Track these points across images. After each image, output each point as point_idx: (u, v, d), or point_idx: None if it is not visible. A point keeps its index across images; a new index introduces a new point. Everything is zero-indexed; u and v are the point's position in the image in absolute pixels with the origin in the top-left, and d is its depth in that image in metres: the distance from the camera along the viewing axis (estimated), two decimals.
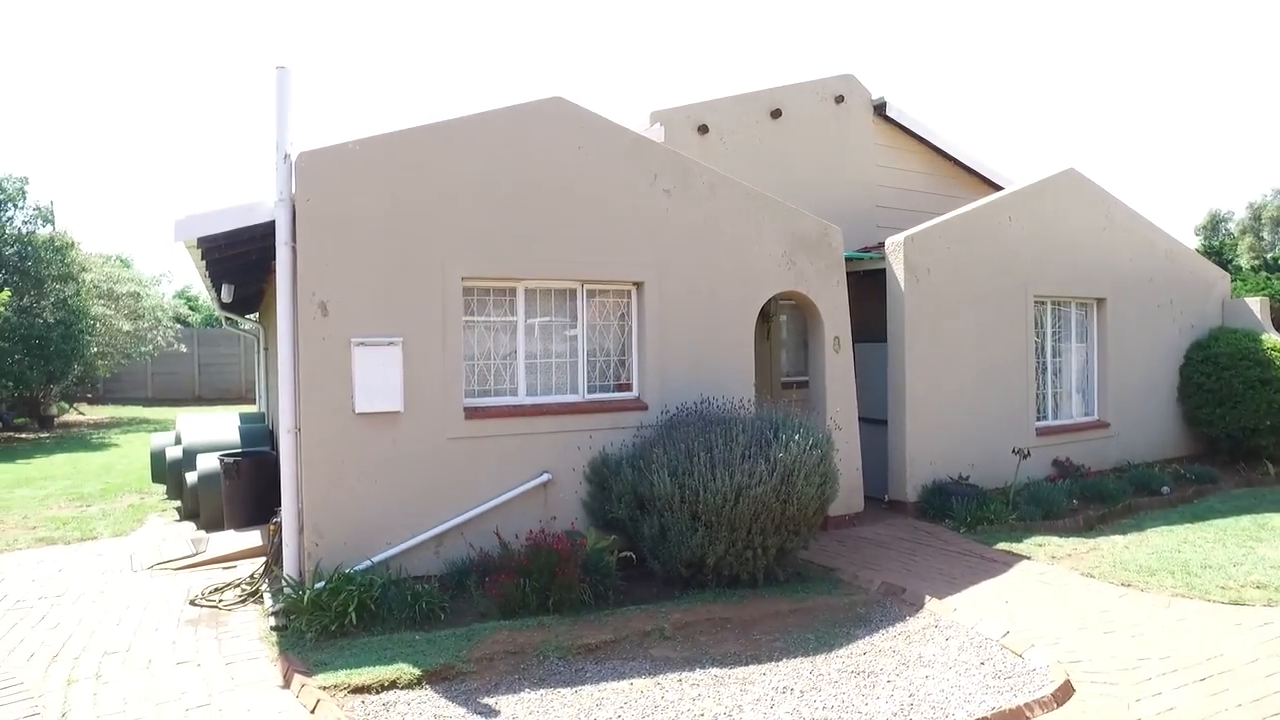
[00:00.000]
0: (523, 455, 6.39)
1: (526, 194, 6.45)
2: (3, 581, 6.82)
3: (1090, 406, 10.63)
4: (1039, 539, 7.49)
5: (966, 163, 11.76)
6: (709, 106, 9.68)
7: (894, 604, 5.79)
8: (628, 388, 7.08)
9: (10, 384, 16.72)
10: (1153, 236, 11.21)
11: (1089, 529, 8.02)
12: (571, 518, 6.49)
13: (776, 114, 10.10)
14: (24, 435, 17.93)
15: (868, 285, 9.15)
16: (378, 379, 5.79)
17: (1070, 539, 7.54)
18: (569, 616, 5.40)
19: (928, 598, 5.79)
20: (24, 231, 18.02)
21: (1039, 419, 9.85)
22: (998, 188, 11.51)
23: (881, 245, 9.07)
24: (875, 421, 8.83)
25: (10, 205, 18.03)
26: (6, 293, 15.82)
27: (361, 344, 5.77)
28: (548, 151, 6.55)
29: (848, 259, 8.55)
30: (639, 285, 7.01)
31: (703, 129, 9.59)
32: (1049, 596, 5.98)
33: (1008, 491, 8.44)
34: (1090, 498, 8.86)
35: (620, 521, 6.24)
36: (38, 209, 18.70)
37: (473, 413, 6.26)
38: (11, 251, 17.35)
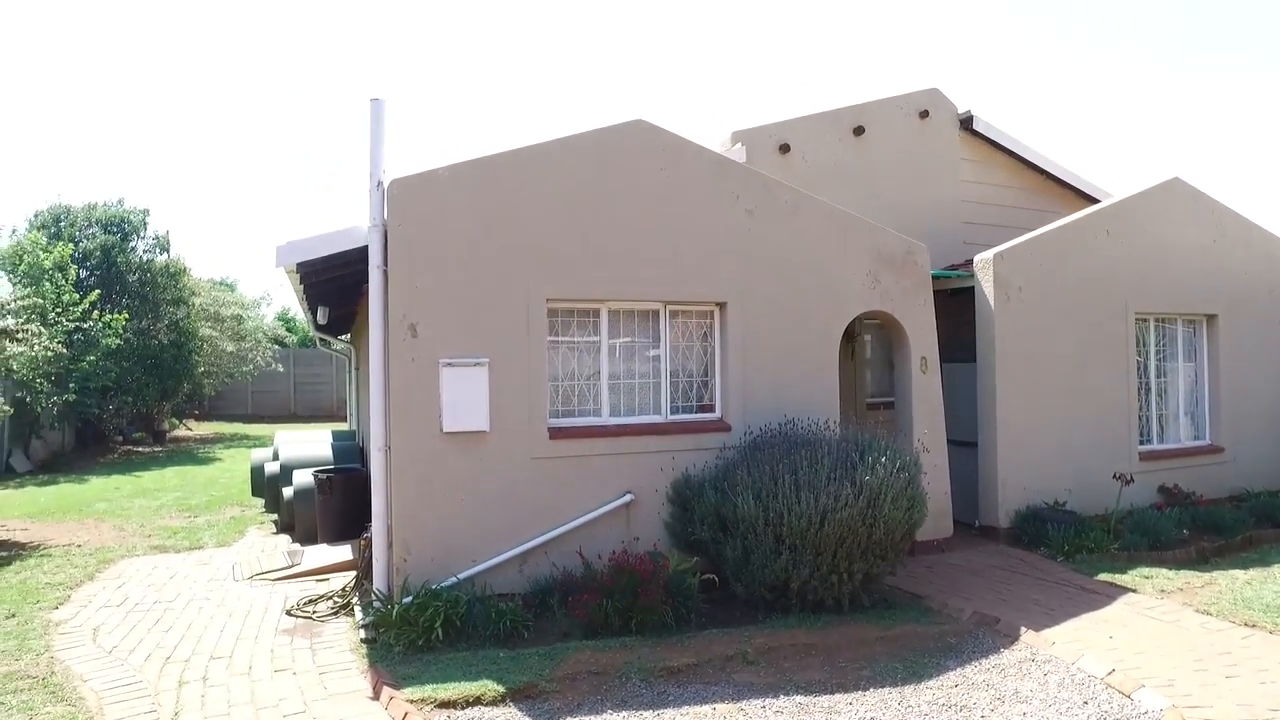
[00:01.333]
0: (606, 475, 6.43)
1: (610, 216, 6.53)
2: (123, 585, 7.26)
3: (1201, 430, 10.02)
4: (1146, 570, 7.07)
5: (1059, 175, 11.32)
6: (790, 125, 9.63)
7: (987, 634, 5.56)
8: (710, 408, 7.06)
9: (130, 400, 17.83)
10: (1273, 248, 10.53)
11: (1203, 561, 7.53)
12: (654, 539, 6.48)
13: (859, 131, 9.96)
14: (140, 448, 19.08)
15: (955, 304, 8.88)
16: (465, 399, 5.94)
17: (1181, 571, 7.10)
18: (651, 638, 5.38)
19: (1023, 629, 5.54)
20: (144, 259, 19.29)
21: (1142, 443, 9.34)
22: (1093, 200, 11.04)
23: (969, 262, 8.81)
24: (964, 444, 8.54)
25: (134, 236, 19.36)
26: (124, 315, 16.91)
27: (449, 365, 5.94)
28: (630, 174, 6.63)
29: (934, 277, 8.33)
30: (722, 305, 7.00)
31: (784, 148, 9.53)
32: (1159, 633, 5.62)
33: (1109, 519, 8.02)
34: (1204, 528, 8.32)
35: (702, 543, 6.19)
36: (156, 238, 20.01)
37: (557, 433, 6.34)
38: (133, 278, 18.59)
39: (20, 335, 10.81)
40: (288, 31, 44.70)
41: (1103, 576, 6.94)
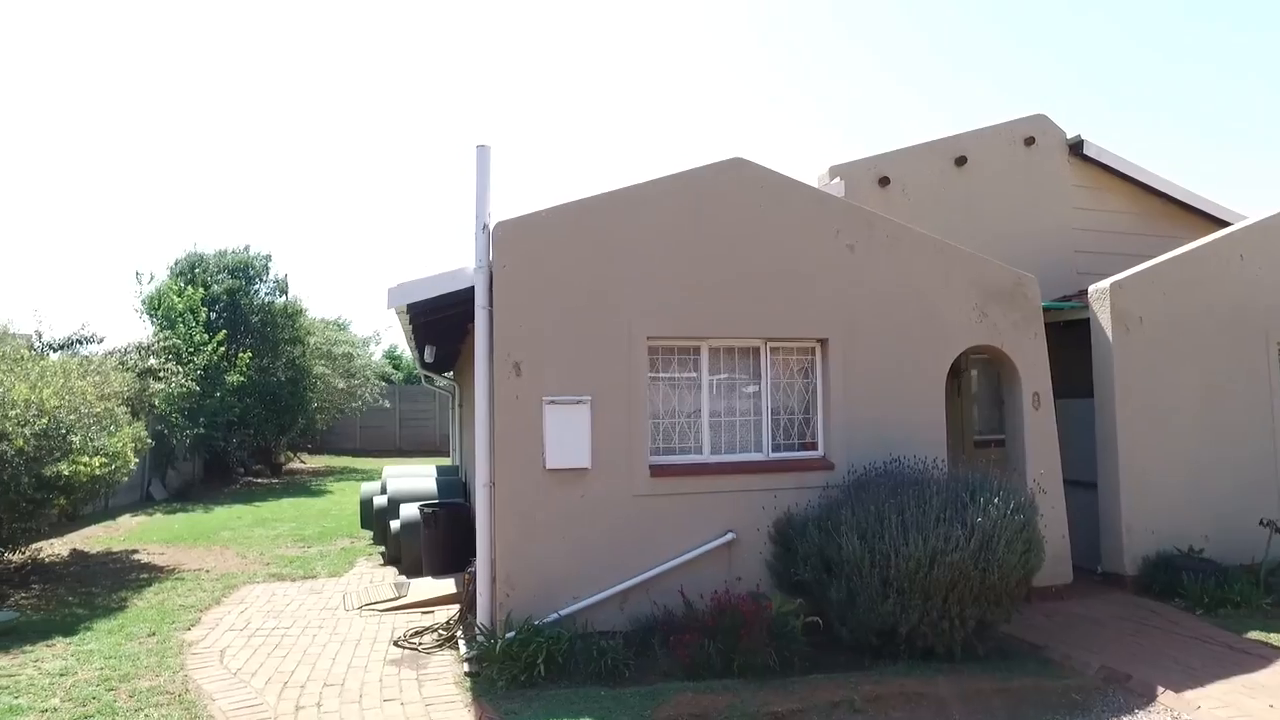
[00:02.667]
0: (706, 514, 6.39)
1: (709, 254, 6.57)
2: (245, 610, 7.65)
3: None
4: None
5: (1181, 198, 10.71)
6: (888, 158, 9.50)
7: (1117, 693, 5.19)
8: (813, 446, 6.94)
9: (251, 434, 18.92)
10: None
11: None
12: (756, 579, 6.37)
13: (961, 161, 9.73)
14: (259, 480, 20.15)
15: (1070, 337, 8.47)
16: (567, 436, 6.04)
17: None
18: (754, 681, 5.27)
19: (1160, 689, 5.14)
20: (265, 301, 20.57)
21: None
22: (1220, 224, 10.38)
23: (1083, 293, 8.41)
24: (1083, 484, 8.08)
25: (257, 279, 20.70)
26: (248, 354, 18.03)
27: (552, 402, 6.06)
28: (729, 211, 6.67)
29: (1046, 309, 7.99)
30: (823, 342, 6.90)
31: (883, 181, 9.40)
32: None
33: (1257, 570, 7.38)
34: None
35: (806, 584, 6.05)
36: (276, 281, 21.33)
37: (658, 470, 6.36)
38: (255, 319, 19.83)
39: (161, 374, 11.68)
40: (399, 86, 47.29)
41: (1254, 634, 6.37)
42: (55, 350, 11.45)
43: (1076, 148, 10.20)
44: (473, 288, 6.12)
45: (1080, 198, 10.26)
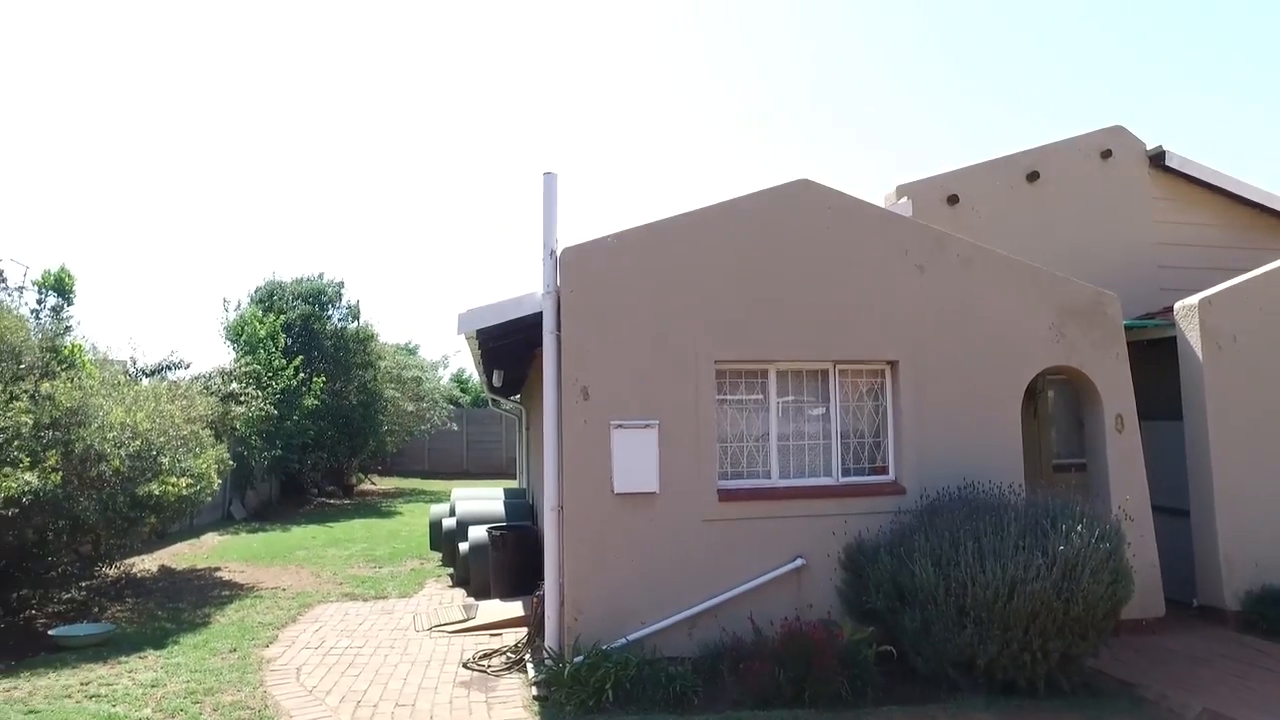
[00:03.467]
0: (775, 539, 6.30)
1: (776, 276, 6.54)
2: (320, 629, 7.84)
3: None
4: None
5: (1276, 208, 10.19)
6: (958, 176, 9.33)
7: None
8: (883, 470, 6.79)
9: (324, 456, 19.48)
10: None
11: None
12: (826, 606, 6.24)
13: (1033, 177, 9.49)
14: (332, 501, 20.70)
15: (1154, 356, 8.12)
16: (635, 461, 6.05)
17: None
18: (826, 711, 5.16)
19: None
20: (338, 327, 21.24)
21: None
22: None
23: (1168, 310, 8.07)
24: (1173, 512, 7.69)
25: (330, 306, 21.41)
26: (322, 379, 18.61)
27: (620, 426, 6.08)
28: (796, 233, 6.63)
29: (1127, 328, 7.68)
30: (893, 364, 6.77)
31: (952, 199, 9.23)
32: None
33: None
34: None
35: (878, 612, 5.90)
36: (348, 307, 22.01)
37: (725, 495, 6.31)
38: (329, 344, 20.48)
39: (242, 398, 12.14)
40: (468, 115, 48.62)
41: None
42: (147, 375, 12.04)
43: (1157, 159, 9.83)
44: (540, 313, 6.21)
45: (1163, 211, 9.87)
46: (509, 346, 8.09)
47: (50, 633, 7.39)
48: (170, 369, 12.62)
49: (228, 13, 42.24)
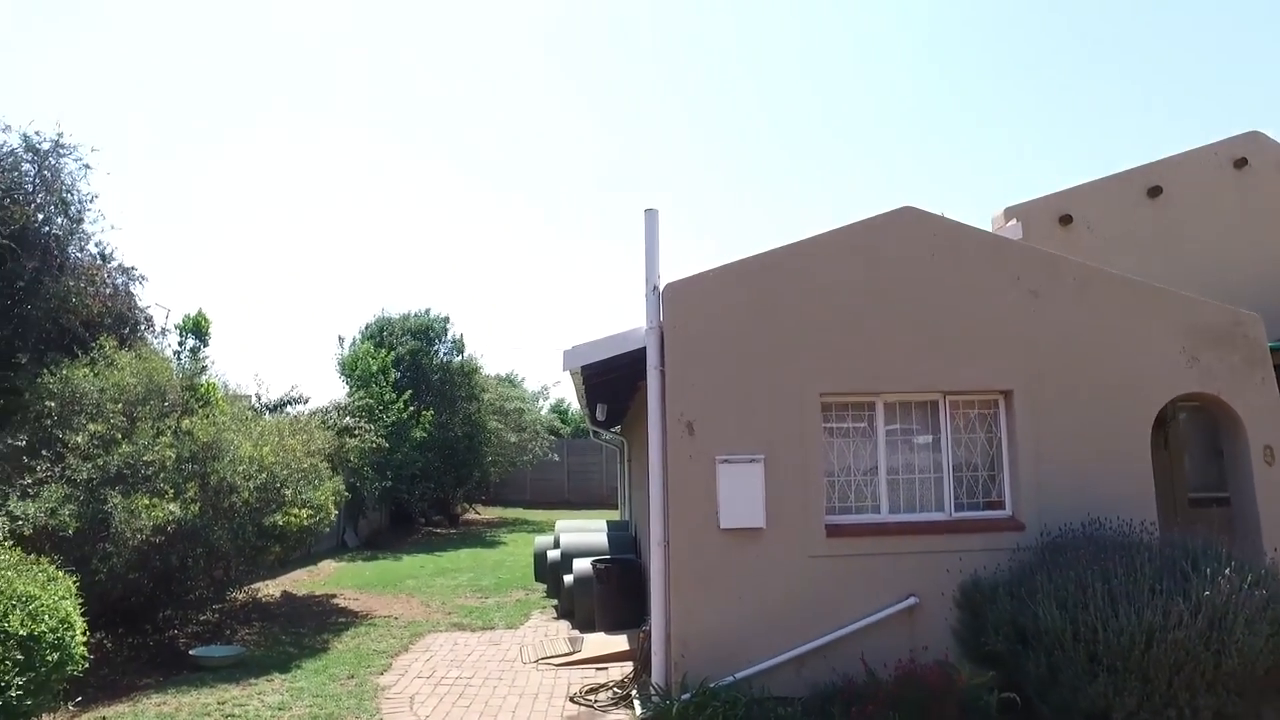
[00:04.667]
0: (886, 576, 6.11)
1: (881, 306, 6.41)
2: (431, 659, 8.06)
3: None
4: None
5: None
6: (1071, 195, 8.97)
7: None
8: (999, 505, 6.50)
9: (431, 486, 20.12)
10: None
11: None
12: (942, 647, 5.98)
13: (1155, 192, 9.02)
14: (438, 530, 21.32)
15: None
16: (741, 496, 6.00)
17: None
18: None
19: None
20: (444, 360, 22.00)
21: None
22: None
23: None
24: None
25: (437, 340, 22.22)
26: (430, 411, 19.28)
27: (725, 461, 6.05)
28: (900, 262, 6.49)
29: (1273, 350, 7.12)
30: (1007, 394, 6.50)
31: (1065, 219, 8.87)
32: None
33: None
34: None
35: (998, 656, 5.61)
36: (454, 341, 22.78)
37: (834, 530, 6.17)
38: (435, 377, 21.23)
39: (356, 431, 12.70)
40: (563, 153, 49.98)
41: None
42: (270, 410, 12.75)
43: None
44: (644, 348, 6.27)
45: None
46: (612, 380, 8.19)
47: (191, 652, 7.88)
48: (291, 404, 13.32)
49: (332, 58, 44.96)
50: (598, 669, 7.52)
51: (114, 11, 37.93)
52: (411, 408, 18.57)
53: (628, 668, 7.22)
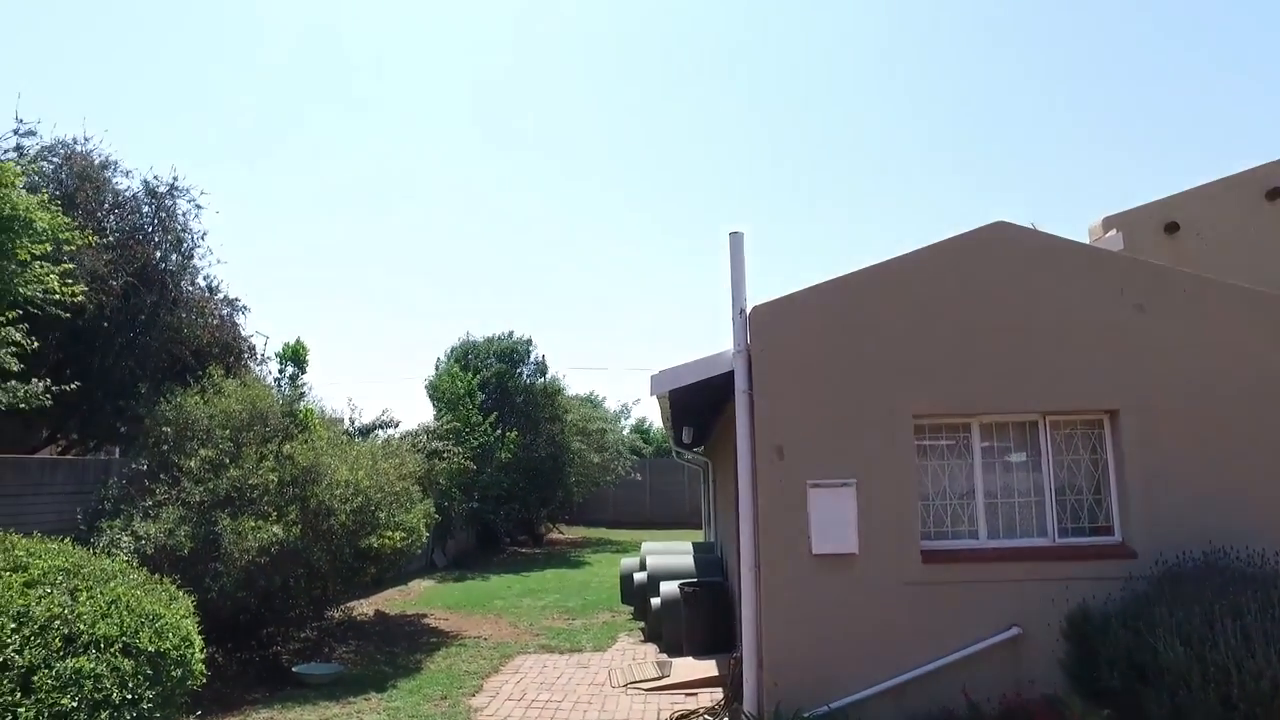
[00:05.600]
0: (986, 605, 5.87)
1: (974, 325, 6.21)
2: (520, 681, 8.15)
3: None
4: None
5: None
6: (1177, 201, 8.53)
7: None
8: (1107, 530, 6.17)
9: (516, 507, 20.44)
10: None
11: None
12: (1049, 681, 5.69)
13: (1274, 194, 8.48)
14: (523, 550, 21.61)
15: None
16: (833, 520, 5.88)
17: None
18: None
19: None
20: (527, 382, 22.39)
21: None
22: None
23: None
24: None
25: (520, 362, 22.66)
26: (515, 433, 19.63)
27: (816, 486, 5.95)
28: (993, 278, 6.28)
29: None
30: (1112, 413, 6.19)
31: (1170, 227, 8.44)
32: None
33: None
34: None
35: (1113, 692, 5.30)
36: (536, 363, 23.17)
37: (929, 556, 5.97)
38: (519, 399, 21.62)
39: (445, 454, 13.03)
40: (649, 172, 50.39)
41: None
42: (363, 434, 13.23)
43: None
44: (731, 372, 6.23)
45: None
46: (697, 402, 8.18)
47: (294, 669, 8.20)
48: (382, 427, 13.80)
49: (424, 80, 46.65)
50: (687, 695, 7.46)
51: (215, 50, 40.41)
52: (497, 430, 18.94)
53: (718, 694, 7.13)
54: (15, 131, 9.93)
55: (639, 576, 10.98)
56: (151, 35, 38.66)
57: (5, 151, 9.71)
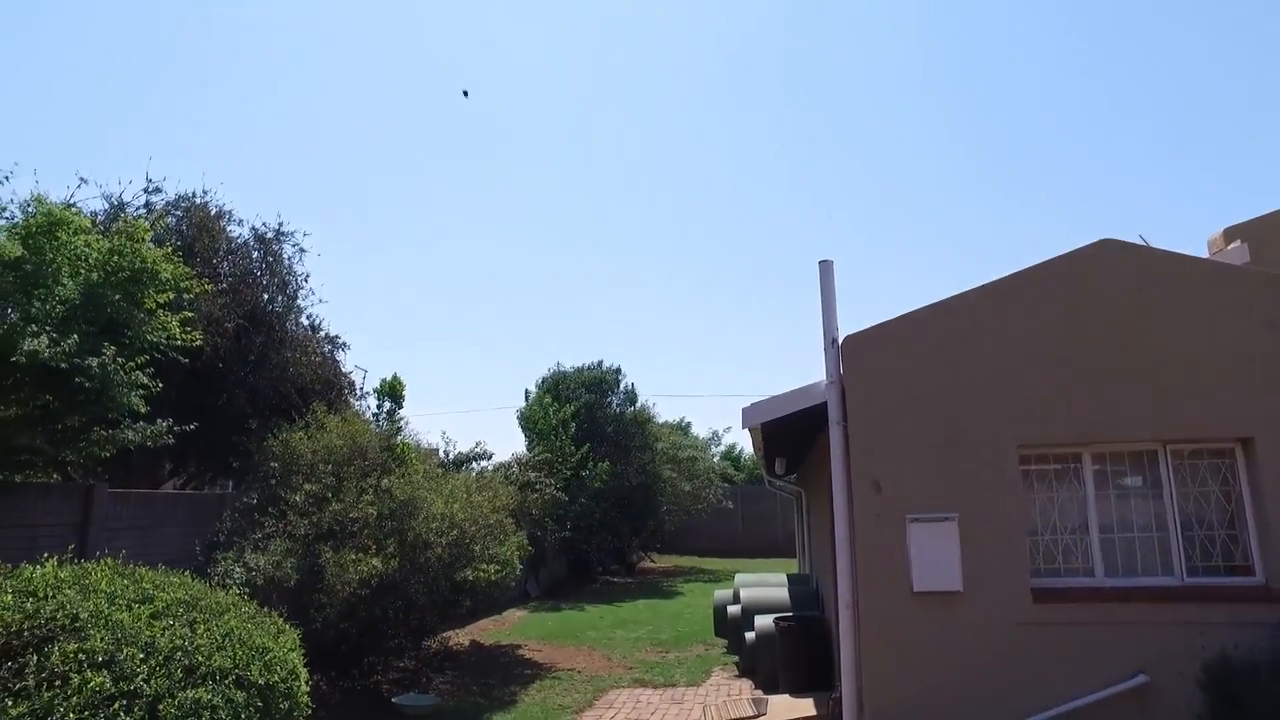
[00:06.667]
0: (1106, 649, 5.47)
1: (1082, 349, 5.87)
2: (615, 716, 8.08)
3: None
4: None
5: None
6: None
7: None
8: (1245, 570, 5.68)
9: (608, 536, 20.47)
10: None
11: None
12: None
13: None
14: (615, 579, 21.58)
15: None
16: (934, 557, 5.62)
17: None
18: None
19: None
20: (617, 411, 22.49)
21: None
22: None
23: None
24: None
25: (610, 392, 22.80)
26: (607, 463, 19.72)
27: (916, 520, 5.71)
28: (1103, 298, 5.93)
29: None
30: (1245, 441, 5.72)
31: None
32: None
33: None
34: None
35: None
36: (626, 392, 23.26)
37: (1041, 595, 5.62)
38: (610, 429, 21.73)
39: (538, 486, 13.18)
40: (737, 199, 50.40)
41: None
42: (456, 466, 13.52)
43: None
44: (824, 403, 6.08)
45: None
46: (791, 431, 8.02)
47: (394, 700, 8.36)
48: (476, 459, 14.07)
49: (509, 131, 48.07)
50: None
51: (313, 103, 42.78)
52: (589, 460, 19.08)
53: None
54: (145, 190, 10.75)
55: (733, 609, 10.78)
56: (268, 91, 41.28)
57: (136, 209, 10.49)
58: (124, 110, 37.95)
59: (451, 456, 14.02)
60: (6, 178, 7.32)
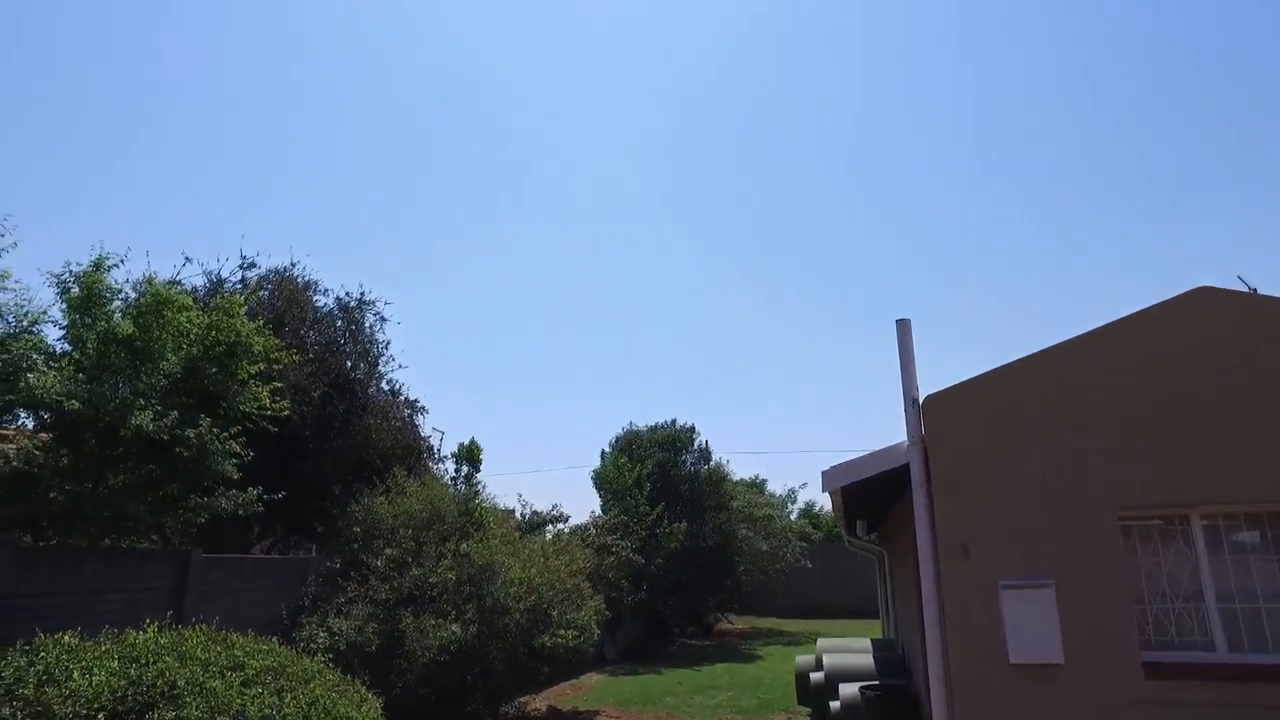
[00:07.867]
0: None
1: (1185, 404, 5.55)
2: None
3: None
4: None
5: None
6: None
7: None
8: None
9: (685, 598, 20.12)
10: None
11: None
12: None
13: None
14: (692, 641, 21.11)
15: None
16: (1031, 626, 5.32)
17: None
18: None
19: None
20: (691, 470, 22.31)
21: None
22: None
23: None
24: None
25: (684, 450, 22.66)
26: (683, 523, 19.51)
27: (1009, 587, 5.43)
28: (1203, 350, 5.63)
29: None
30: None
31: None
32: None
33: None
34: None
35: None
36: (700, 450, 23.09)
37: (1153, 671, 5.23)
38: (684, 488, 21.54)
39: (613, 548, 13.12)
40: (806, 258, 50.31)
41: None
42: (534, 529, 13.59)
43: None
44: (906, 464, 5.90)
45: None
46: (871, 492, 7.80)
47: None
48: (553, 522, 14.12)
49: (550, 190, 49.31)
50: None
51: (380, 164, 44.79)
52: (664, 520, 18.92)
53: None
54: (240, 266, 11.38)
55: (815, 676, 10.39)
56: (349, 167, 43.53)
57: (233, 285, 11.12)
58: (218, 188, 40.50)
59: (528, 518, 14.11)
60: (122, 261, 7.88)
